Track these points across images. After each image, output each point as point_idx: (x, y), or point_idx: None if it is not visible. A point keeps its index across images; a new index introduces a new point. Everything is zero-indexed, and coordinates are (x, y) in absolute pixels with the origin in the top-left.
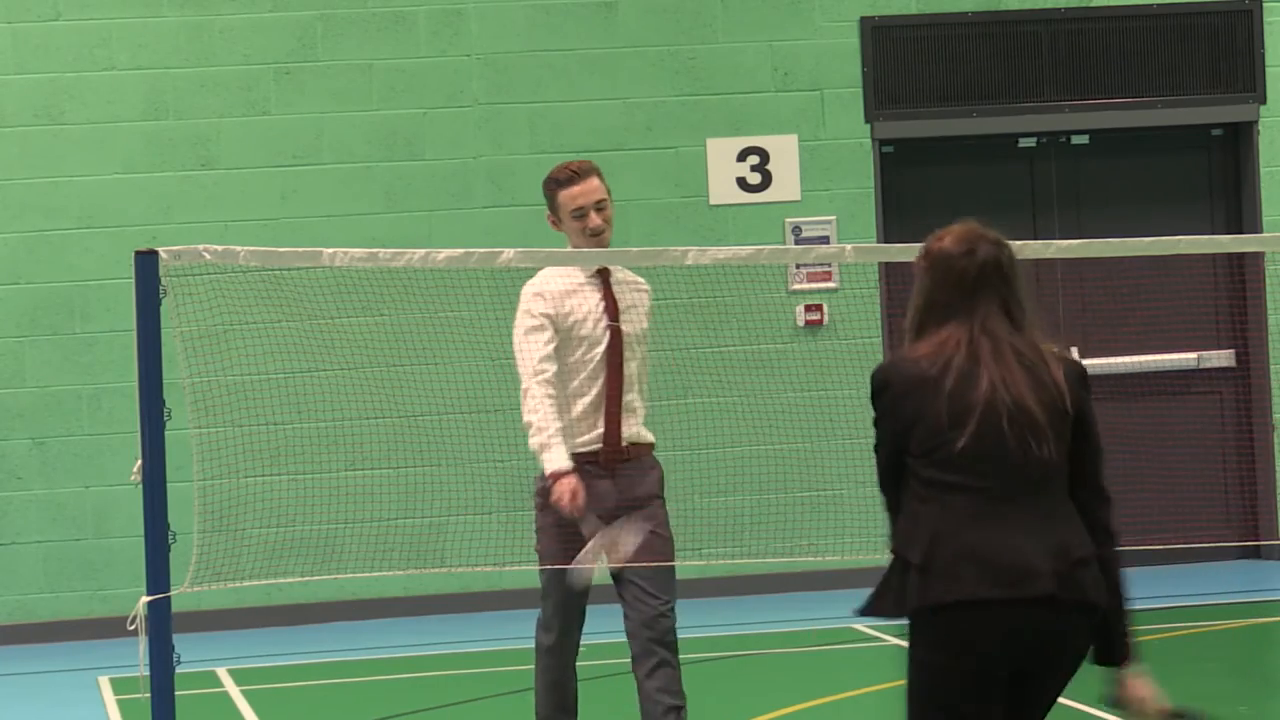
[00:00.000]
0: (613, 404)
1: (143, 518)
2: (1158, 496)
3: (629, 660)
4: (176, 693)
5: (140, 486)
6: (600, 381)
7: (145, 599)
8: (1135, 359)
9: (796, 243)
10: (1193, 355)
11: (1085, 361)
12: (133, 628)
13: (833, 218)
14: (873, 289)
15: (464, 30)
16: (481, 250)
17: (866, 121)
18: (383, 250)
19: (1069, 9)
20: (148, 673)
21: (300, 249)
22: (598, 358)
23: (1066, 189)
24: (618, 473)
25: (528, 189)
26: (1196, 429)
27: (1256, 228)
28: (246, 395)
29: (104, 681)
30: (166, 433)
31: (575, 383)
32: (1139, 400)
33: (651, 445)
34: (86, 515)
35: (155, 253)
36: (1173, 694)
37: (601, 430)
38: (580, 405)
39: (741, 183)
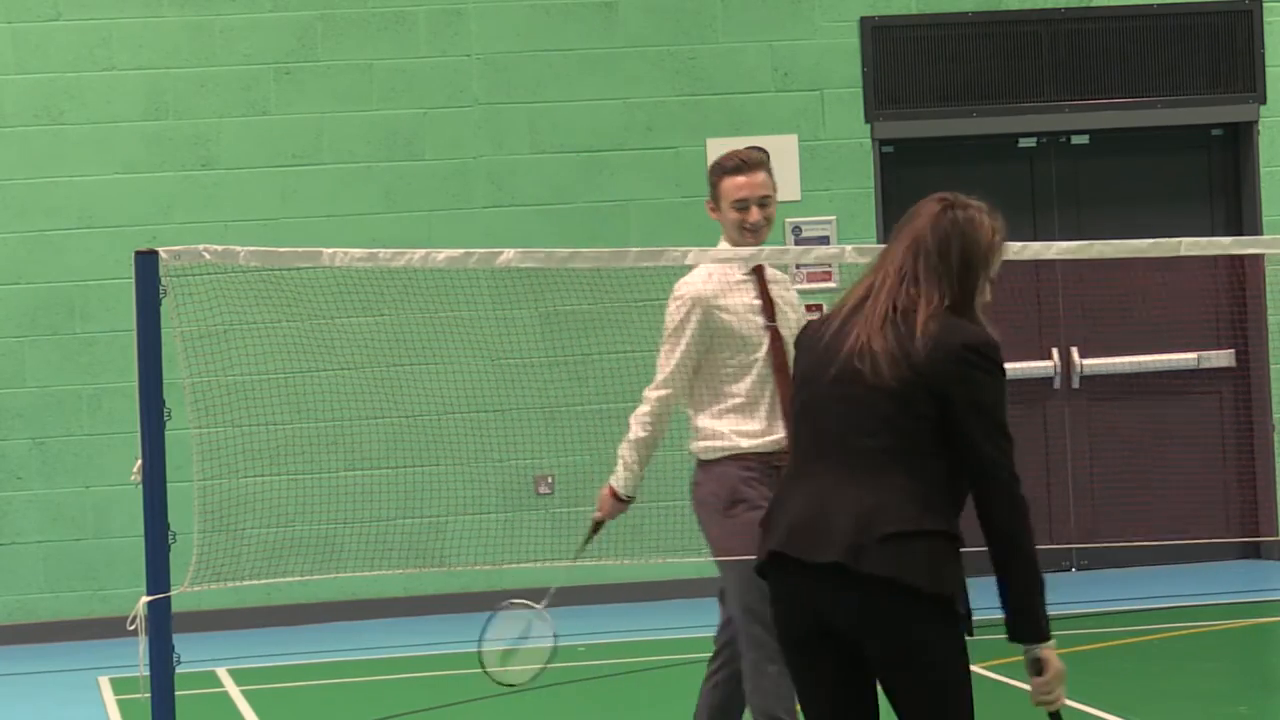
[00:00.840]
0: (785, 404)
1: (143, 518)
2: (1158, 496)
3: (632, 660)
4: (176, 693)
5: (140, 486)
6: (770, 384)
7: (145, 599)
8: (1135, 359)
9: (796, 243)
10: (1193, 355)
11: (1085, 361)
12: (133, 628)
13: (833, 218)
14: None
15: (464, 30)
16: (481, 250)
17: (866, 121)
18: (383, 250)
19: (1069, 9)
20: (148, 673)
21: (300, 249)
22: (759, 360)
23: (1066, 189)
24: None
25: (528, 189)
26: (1196, 429)
27: (1256, 228)
28: (246, 395)
29: (104, 681)
30: (166, 433)
31: (743, 386)
32: (1139, 400)
33: None
34: (86, 515)
35: (155, 253)
36: (1173, 694)
37: (779, 435)
38: (759, 409)
39: None
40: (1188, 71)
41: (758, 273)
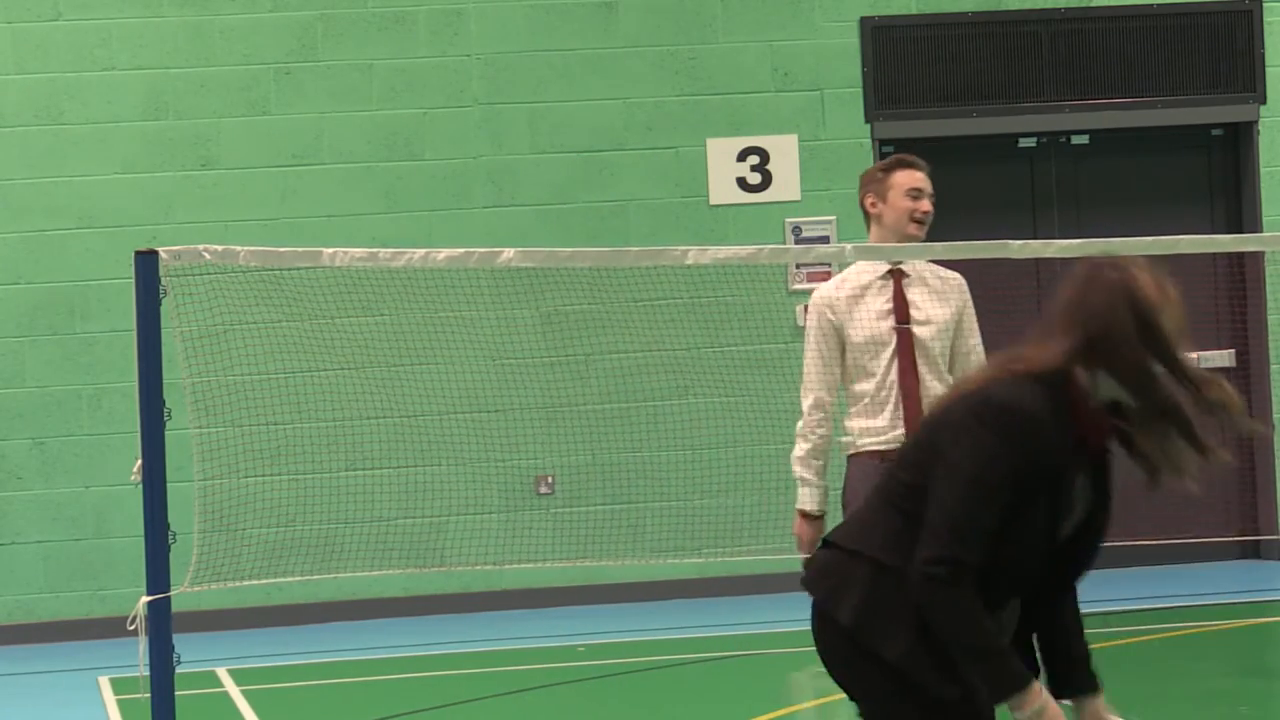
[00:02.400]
0: (911, 404)
1: (143, 518)
2: (1158, 496)
3: (632, 660)
4: (176, 693)
5: (140, 486)
6: (892, 383)
7: (145, 599)
8: None
9: (796, 243)
10: (1193, 355)
11: None
12: (133, 628)
13: (833, 218)
14: None
15: (464, 30)
16: (481, 250)
17: (866, 121)
18: (383, 250)
19: (1069, 9)
20: (148, 673)
21: (300, 249)
22: (885, 359)
23: (1066, 189)
24: None
25: (528, 189)
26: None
27: (1256, 228)
28: (246, 395)
29: (104, 681)
30: (166, 433)
31: (868, 385)
32: None
33: None
34: (86, 515)
35: (155, 253)
36: (1173, 694)
37: (901, 431)
38: (884, 408)
39: (741, 183)
40: (1188, 71)
41: (895, 275)
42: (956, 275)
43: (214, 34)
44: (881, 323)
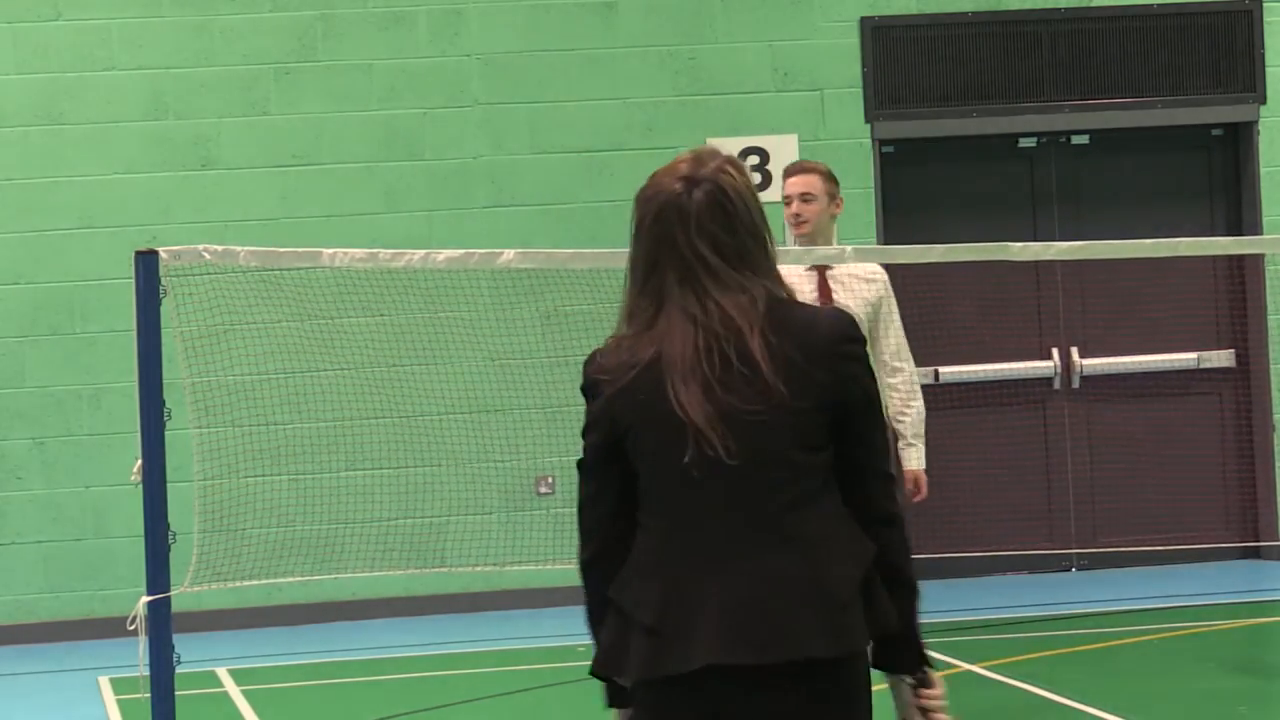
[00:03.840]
0: None
1: (143, 518)
2: (1158, 496)
3: None
4: (176, 693)
5: (140, 486)
6: None
7: (145, 599)
8: (1135, 359)
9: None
10: (1193, 355)
11: (1085, 361)
12: (133, 628)
13: None
14: None
15: (464, 30)
16: (481, 250)
17: (866, 121)
18: (383, 250)
19: (1069, 9)
20: (148, 673)
21: (300, 249)
22: None
23: (1066, 189)
24: None
25: (528, 189)
26: (1196, 429)
27: (1256, 228)
28: (246, 395)
29: (104, 681)
30: (166, 433)
31: None
32: (1139, 400)
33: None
34: (86, 515)
35: (155, 253)
36: (1173, 694)
37: None
38: None
39: None
40: (1188, 71)
41: (819, 270)
42: (879, 269)
43: (214, 34)
44: None
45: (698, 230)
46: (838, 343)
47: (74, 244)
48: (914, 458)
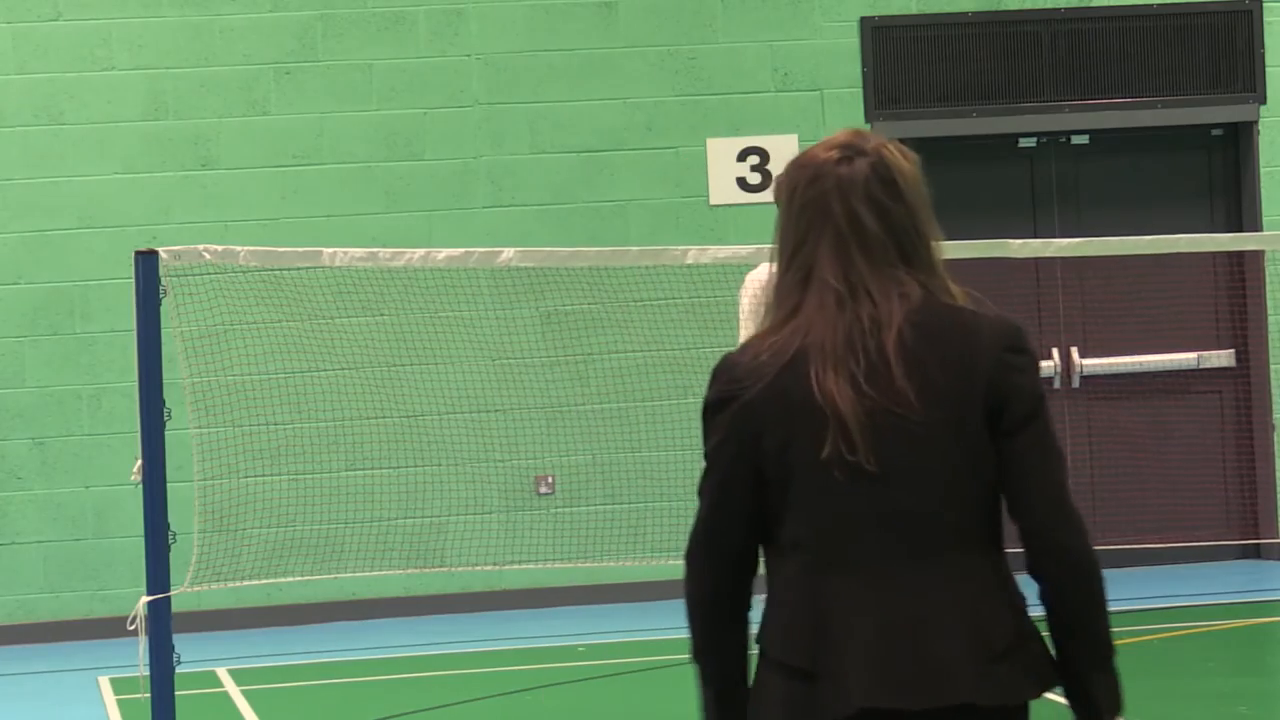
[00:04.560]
0: None
1: (143, 518)
2: (1158, 496)
3: (632, 660)
4: (176, 693)
5: (140, 486)
6: None
7: (145, 599)
8: (1135, 359)
9: None
10: (1193, 355)
11: (1085, 361)
12: (133, 628)
13: None
14: None
15: (464, 30)
16: (481, 250)
17: (866, 121)
18: (383, 250)
19: (1069, 9)
20: (148, 673)
21: (300, 249)
22: None
23: (1066, 189)
24: None
25: (528, 189)
26: (1196, 429)
27: (1256, 227)
28: (246, 395)
29: (104, 681)
30: (166, 433)
31: None
32: (1139, 400)
33: None
34: (86, 515)
35: (155, 253)
36: (1173, 694)
37: None
38: None
39: (741, 183)
40: (1188, 71)
41: None
42: None
43: (214, 34)
44: None
45: (857, 196)
46: (998, 352)
47: (74, 244)
48: None
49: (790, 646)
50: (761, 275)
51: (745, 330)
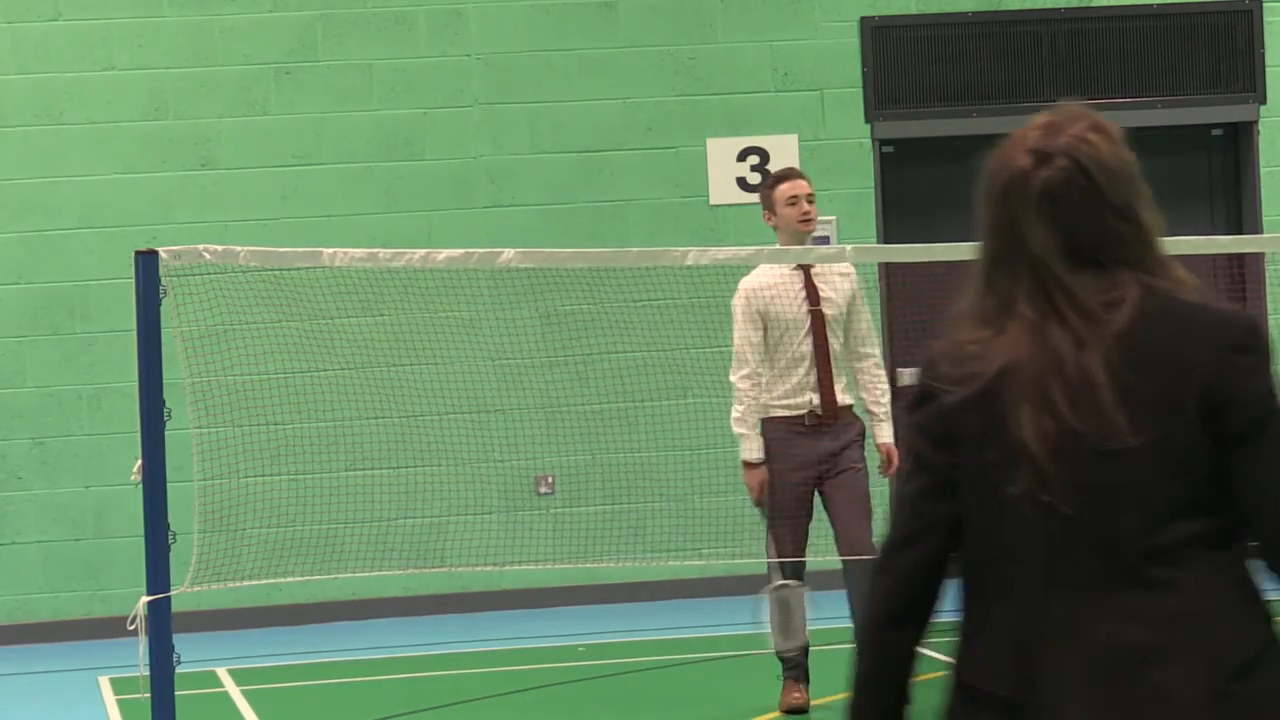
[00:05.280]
0: (824, 372)
1: (143, 518)
2: None
3: (632, 660)
4: (176, 693)
5: (140, 486)
6: (805, 354)
7: (145, 599)
8: None
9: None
10: None
11: None
12: (133, 628)
13: (833, 218)
14: (872, 289)
15: (464, 30)
16: (481, 250)
17: (866, 121)
18: (383, 250)
19: (1069, 9)
20: (148, 673)
21: (300, 249)
22: (802, 335)
23: None
24: (823, 431)
25: (528, 189)
26: None
27: (1257, 228)
28: (246, 395)
29: (104, 681)
30: (166, 433)
31: (787, 356)
32: None
33: (850, 406)
34: (86, 515)
35: (155, 253)
36: None
37: (807, 397)
38: (794, 376)
39: (741, 183)
40: (1188, 71)
41: (804, 269)
42: (849, 267)
43: (214, 34)
44: (798, 306)
45: (1045, 218)
46: (1220, 351)
47: (74, 244)
48: (886, 433)
49: (991, 673)
50: (753, 282)
51: (740, 334)
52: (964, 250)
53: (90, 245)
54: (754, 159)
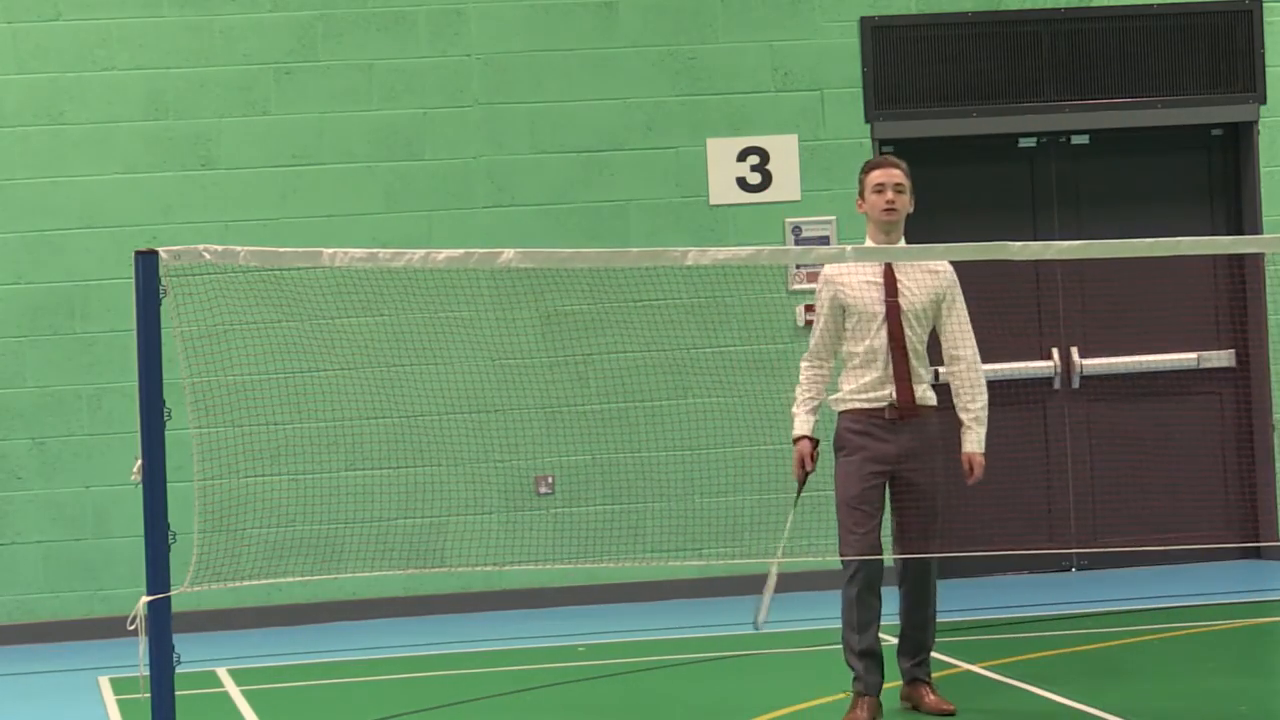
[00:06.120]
0: (900, 364)
1: (143, 518)
2: (1158, 496)
3: (631, 660)
4: (176, 693)
5: (140, 486)
6: (881, 347)
7: (145, 599)
8: (1135, 359)
9: (796, 243)
10: (1193, 355)
11: (1085, 361)
12: (133, 628)
13: (833, 218)
14: None
15: (464, 30)
16: (481, 250)
17: (866, 121)
18: (383, 250)
19: (1069, 9)
20: (148, 673)
21: (300, 249)
22: (876, 327)
23: (1066, 189)
24: (902, 427)
25: (528, 189)
26: (1196, 429)
27: (1257, 228)
28: (246, 395)
29: (104, 681)
30: (166, 433)
31: (860, 348)
32: (1139, 400)
33: (934, 406)
34: (86, 515)
35: (155, 253)
36: (1173, 694)
37: (889, 390)
38: (872, 369)
39: (741, 183)
40: (1188, 71)
41: (885, 265)
42: (947, 266)
43: (214, 34)
44: (874, 297)
45: None
46: None
47: (74, 244)
48: (973, 440)
49: None
50: (833, 269)
51: (822, 324)
52: (964, 250)
53: (90, 245)
54: (754, 159)
